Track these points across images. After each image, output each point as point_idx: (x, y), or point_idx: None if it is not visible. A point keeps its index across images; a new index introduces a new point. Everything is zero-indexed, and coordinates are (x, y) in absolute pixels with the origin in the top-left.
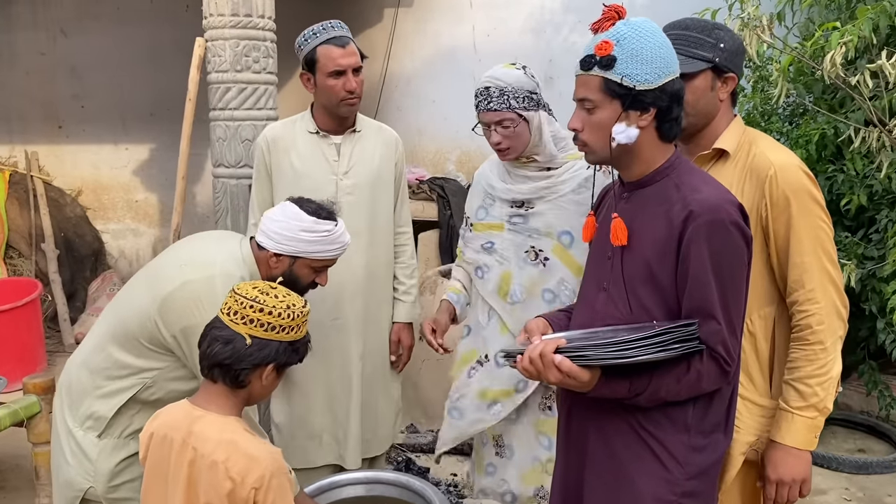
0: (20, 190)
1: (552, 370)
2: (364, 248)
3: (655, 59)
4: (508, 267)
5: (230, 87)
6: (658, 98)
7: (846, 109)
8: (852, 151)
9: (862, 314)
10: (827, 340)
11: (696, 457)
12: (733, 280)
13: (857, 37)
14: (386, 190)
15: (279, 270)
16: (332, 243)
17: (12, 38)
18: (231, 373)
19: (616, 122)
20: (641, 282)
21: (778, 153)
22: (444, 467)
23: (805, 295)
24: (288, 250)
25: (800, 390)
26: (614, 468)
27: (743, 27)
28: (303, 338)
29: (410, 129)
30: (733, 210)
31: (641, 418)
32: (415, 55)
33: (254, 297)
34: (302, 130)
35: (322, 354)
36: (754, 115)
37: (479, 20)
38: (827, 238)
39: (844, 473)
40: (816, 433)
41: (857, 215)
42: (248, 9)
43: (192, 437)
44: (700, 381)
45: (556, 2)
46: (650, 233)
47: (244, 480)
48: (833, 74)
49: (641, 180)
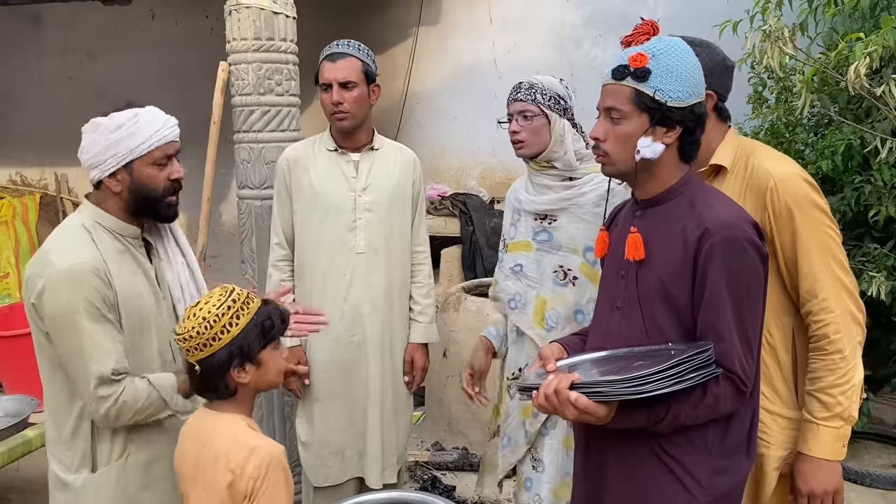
0: (50, 212)
1: (569, 407)
2: (381, 266)
3: (688, 78)
4: (540, 290)
5: (254, 109)
6: (686, 117)
7: (872, 119)
8: (879, 162)
9: (893, 326)
10: (846, 349)
11: (718, 479)
12: (750, 299)
13: (881, 47)
14: (403, 208)
15: (122, 188)
16: (152, 124)
17: (41, 62)
18: (213, 392)
19: (642, 135)
20: (656, 300)
21: (776, 163)
22: (469, 485)
23: (819, 305)
24: (114, 161)
25: (823, 401)
26: (635, 493)
27: (765, 38)
28: (247, 325)
29: (433, 145)
30: (748, 227)
31: (662, 441)
32: (436, 73)
33: (180, 332)
34: (321, 148)
35: (341, 371)
36: (779, 126)
37: (500, 37)
38: (835, 244)
39: (878, 490)
40: (844, 442)
41: (885, 226)
42: (271, 33)
43: (201, 435)
44: (717, 404)
45: (576, 17)
46: (664, 251)
47: (244, 471)
48: (858, 85)
49: (655, 198)
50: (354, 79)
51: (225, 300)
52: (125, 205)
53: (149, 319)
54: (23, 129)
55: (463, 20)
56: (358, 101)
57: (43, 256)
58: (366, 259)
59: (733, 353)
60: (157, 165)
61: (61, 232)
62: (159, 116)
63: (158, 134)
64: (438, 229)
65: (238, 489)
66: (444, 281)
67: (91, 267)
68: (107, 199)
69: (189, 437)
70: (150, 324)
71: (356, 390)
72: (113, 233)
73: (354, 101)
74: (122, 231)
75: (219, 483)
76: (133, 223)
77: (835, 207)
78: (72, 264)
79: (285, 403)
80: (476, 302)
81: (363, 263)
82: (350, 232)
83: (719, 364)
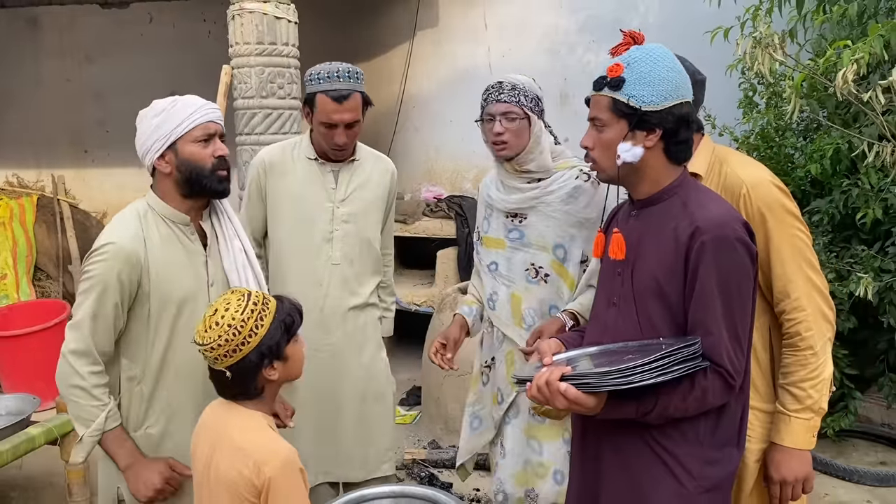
0: (47, 213)
1: (559, 398)
2: (356, 276)
3: (663, 82)
4: (515, 289)
5: (256, 112)
6: (664, 119)
7: (860, 124)
8: (867, 166)
9: (880, 327)
10: (816, 345)
11: (709, 470)
12: (740, 296)
13: (868, 54)
14: (377, 218)
15: (171, 169)
16: (188, 107)
17: (39, 65)
18: (243, 394)
19: (622, 140)
20: (650, 297)
21: (747, 169)
22: (467, 483)
23: (791, 304)
24: (159, 144)
25: (795, 394)
26: (629, 483)
27: (756, 45)
28: (271, 325)
29: (428, 148)
30: (738, 226)
31: (656, 434)
32: (432, 77)
33: (204, 341)
34: (300, 155)
35: (314, 379)
36: (769, 130)
37: (495, 41)
38: (805, 246)
39: (867, 486)
40: (814, 433)
41: (872, 228)
42: (273, 37)
43: (222, 427)
44: (706, 397)
45: (570, 23)
46: (658, 249)
47: (261, 470)
48: (845, 91)
49: (650, 198)
50: (358, 117)
51: (246, 304)
52: (177, 185)
53: (184, 303)
54: (20, 131)
55: (459, 25)
56: (357, 135)
57: (100, 234)
58: (341, 270)
59: (721, 347)
60: (200, 143)
61: (118, 214)
62: (197, 100)
63: (196, 114)
64: (434, 231)
65: (254, 485)
66: (440, 282)
67: (119, 248)
68: (160, 183)
69: (207, 427)
70: (184, 307)
71: (330, 396)
72: (164, 218)
73: (355, 136)
74: (171, 217)
75: (231, 476)
76: (185, 209)
77: (823, 210)
78: (105, 242)
79: None
80: None
81: (338, 274)
82: (327, 243)
83: (708, 358)
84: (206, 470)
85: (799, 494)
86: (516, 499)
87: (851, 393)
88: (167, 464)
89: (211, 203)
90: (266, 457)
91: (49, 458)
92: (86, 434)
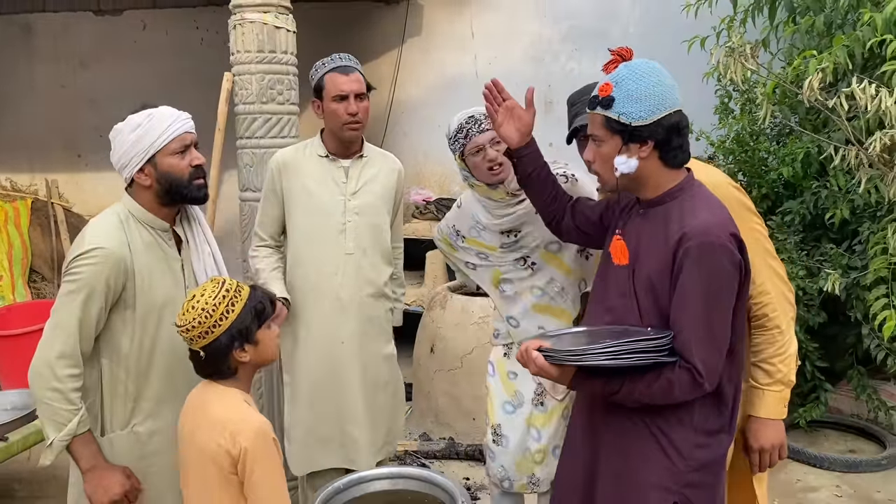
0: (42, 217)
1: (531, 363)
2: (369, 265)
3: (649, 97)
4: (499, 266)
5: (256, 117)
6: (654, 132)
7: (829, 129)
8: (834, 168)
9: (848, 321)
10: (782, 324)
11: (698, 452)
12: (718, 300)
13: (833, 63)
14: (388, 211)
15: (151, 181)
16: (163, 121)
17: (34, 70)
18: (217, 373)
19: (618, 154)
20: (646, 293)
21: (706, 173)
22: (457, 473)
23: (757, 289)
24: (138, 159)
25: (766, 369)
26: (624, 459)
27: (729, 54)
28: (242, 310)
29: (417, 152)
30: (724, 234)
31: (655, 418)
32: (420, 83)
33: (181, 323)
34: (312, 154)
35: (330, 365)
36: (743, 135)
37: (481, 49)
38: (763, 238)
39: (836, 472)
40: (785, 404)
41: (840, 228)
42: (273, 45)
43: (201, 404)
44: (672, 389)
45: (553, 32)
46: (655, 249)
47: (235, 440)
48: (812, 98)
49: (657, 199)
50: (364, 91)
51: (219, 291)
52: (157, 196)
53: (165, 306)
54: (14, 136)
55: (446, 33)
56: (367, 111)
57: (81, 237)
58: (355, 260)
59: (692, 346)
60: (177, 154)
61: (99, 218)
62: (171, 112)
63: (172, 127)
64: (424, 233)
65: (231, 455)
66: (429, 282)
67: (109, 252)
68: (139, 193)
69: (190, 406)
70: (165, 310)
71: (344, 382)
72: (144, 224)
73: (365, 112)
74: (151, 223)
75: (211, 448)
76: (163, 216)
77: (795, 211)
78: (94, 246)
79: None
80: (461, 300)
81: (353, 263)
82: (340, 234)
83: (679, 354)
84: (190, 447)
85: (776, 460)
86: (519, 486)
87: (822, 385)
88: (125, 473)
89: (183, 208)
90: (240, 427)
91: None
92: (56, 438)
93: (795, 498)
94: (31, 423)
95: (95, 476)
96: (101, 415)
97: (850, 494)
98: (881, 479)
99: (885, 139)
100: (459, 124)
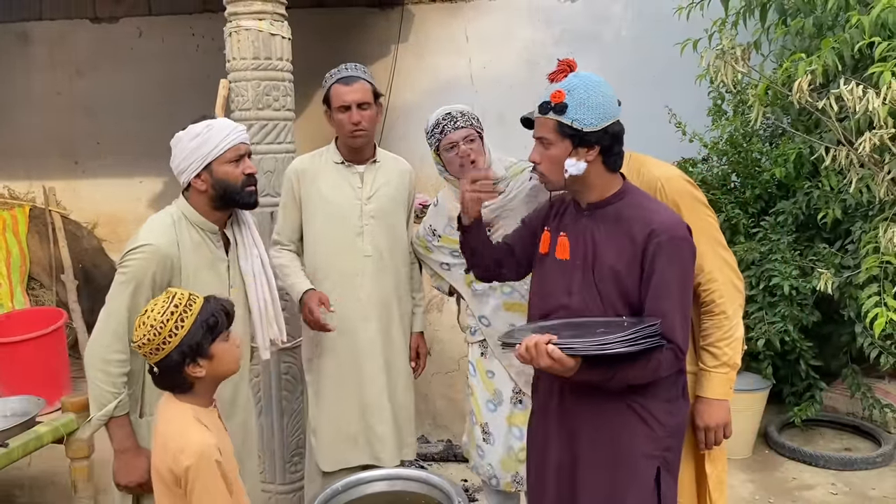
0: (39, 224)
1: (544, 357)
2: (388, 267)
3: (599, 106)
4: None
5: (252, 123)
6: (601, 138)
7: (820, 130)
8: (826, 169)
9: (842, 320)
10: (729, 310)
11: (671, 418)
12: (685, 286)
13: (822, 66)
14: (402, 214)
15: (207, 187)
16: (221, 131)
17: (30, 78)
18: (172, 388)
19: (568, 156)
20: (610, 284)
21: (661, 169)
22: (454, 475)
23: (706, 276)
24: (196, 166)
25: (713, 353)
26: (609, 434)
27: (720, 56)
28: (192, 326)
29: (413, 157)
30: (684, 228)
31: (636, 396)
32: (415, 87)
33: (135, 341)
34: (328, 161)
35: (353, 364)
36: (736, 137)
37: (476, 53)
38: (714, 228)
39: (831, 470)
40: (731, 385)
41: (833, 227)
42: (268, 52)
43: (160, 418)
44: (659, 368)
45: (547, 35)
46: (616, 245)
47: (177, 459)
48: (802, 100)
49: (601, 202)
50: (368, 100)
51: (168, 306)
52: (211, 200)
53: None
54: (11, 144)
55: (440, 38)
56: (372, 119)
57: (136, 233)
58: (373, 262)
59: (676, 328)
60: (232, 163)
61: (154, 217)
62: (229, 124)
63: (228, 138)
64: None
65: (174, 472)
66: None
67: (157, 249)
68: (194, 197)
69: (155, 417)
70: None
71: (367, 380)
72: (195, 226)
73: (370, 119)
74: (201, 225)
75: (160, 465)
76: (215, 220)
77: (788, 211)
78: (145, 242)
79: (282, 398)
80: None
81: (371, 265)
82: (358, 237)
83: (665, 337)
84: (153, 451)
85: (721, 439)
86: (505, 483)
87: (817, 384)
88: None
89: (235, 213)
90: (182, 446)
91: (52, 458)
92: (95, 416)
93: (791, 496)
94: (31, 430)
95: (124, 458)
96: (142, 398)
97: (846, 492)
98: (876, 476)
99: (875, 139)
100: (437, 120)
